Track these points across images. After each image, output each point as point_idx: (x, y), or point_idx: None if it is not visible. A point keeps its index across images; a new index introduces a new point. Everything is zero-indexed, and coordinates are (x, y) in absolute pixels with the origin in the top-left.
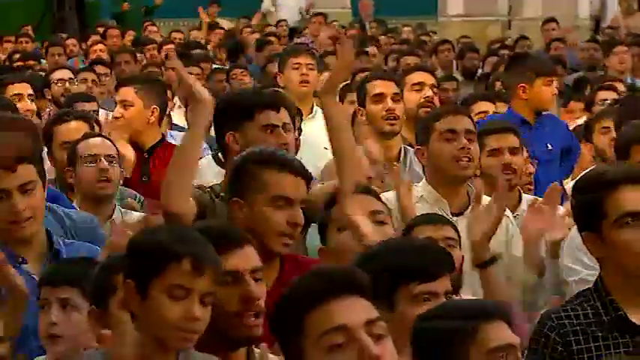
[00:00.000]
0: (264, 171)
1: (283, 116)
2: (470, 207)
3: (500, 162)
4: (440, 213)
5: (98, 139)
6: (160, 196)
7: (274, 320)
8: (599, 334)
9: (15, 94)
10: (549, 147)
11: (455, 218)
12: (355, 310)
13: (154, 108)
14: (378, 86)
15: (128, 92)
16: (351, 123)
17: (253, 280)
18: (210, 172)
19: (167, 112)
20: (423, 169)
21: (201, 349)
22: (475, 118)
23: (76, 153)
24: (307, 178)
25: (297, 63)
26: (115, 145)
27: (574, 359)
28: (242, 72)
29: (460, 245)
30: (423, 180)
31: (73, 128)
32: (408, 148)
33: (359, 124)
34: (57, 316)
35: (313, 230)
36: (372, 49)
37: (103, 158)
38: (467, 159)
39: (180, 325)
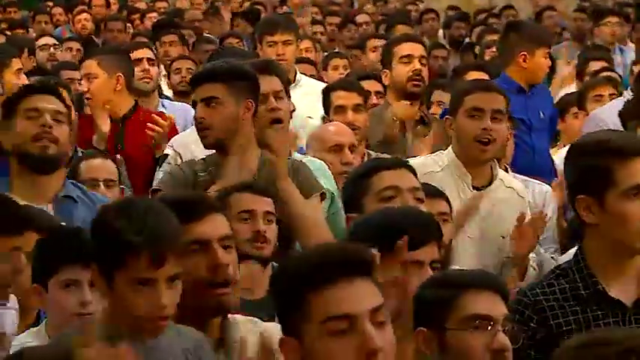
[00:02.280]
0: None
1: (273, 84)
2: (492, 183)
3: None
4: (462, 185)
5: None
6: (134, 164)
7: (276, 290)
8: (578, 309)
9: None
10: (542, 115)
11: (475, 192)
12: (363, 297)
13: (118, 76)
14: (340, 98)
15: (91, 65)
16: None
17: (222, 248)
18: (195, 143)
19: (157, 84)
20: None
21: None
22: None
23: None
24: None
25: (272, 41)
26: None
27: (552, 334)
28: (237, 42)
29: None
30: (450, 149)
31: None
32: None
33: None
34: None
35: None
36: (362, 17)
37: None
38: (487, 140)
39: (148, 316)
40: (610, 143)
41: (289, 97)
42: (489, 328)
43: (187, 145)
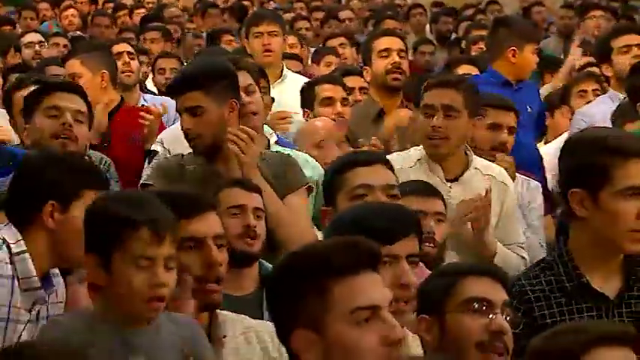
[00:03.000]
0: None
1: (243, 79)
2: (466, 172)
3: (497, 139)
4: (435, 179)
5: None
6: (121, 158)
7: (283, 280)
8: (562, 300)
9: None
10: (529, 109)
11: (449, 184)
12: (382, 288)
13: (102, 73)
14: (327, 90)
15: (74, 65)
16: None
17: (216, 246)
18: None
19: (138, 77)
20: None
21: None
22: None
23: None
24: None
25: (258, 32)
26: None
27: (536, 325)
28: (231, 38)
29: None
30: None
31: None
32: None
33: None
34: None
35: None
36: (346, 13)
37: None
38: (437, 137)
39: (147, 293)
40: (609, 141)
41: (262, 89)
42: (487, 310)
43: (178, 139)
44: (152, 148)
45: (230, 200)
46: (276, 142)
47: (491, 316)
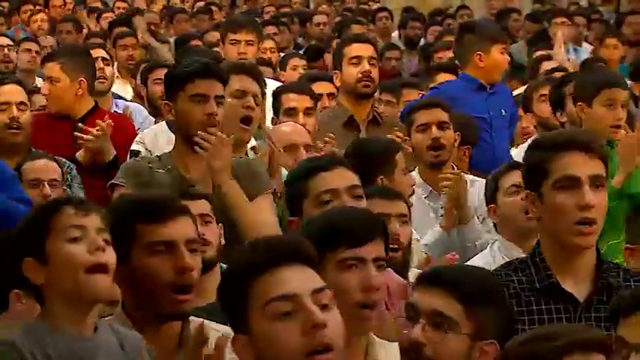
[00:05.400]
0: None
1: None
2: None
3: (429, 137)
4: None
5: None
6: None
7: (221, 290)
8: (532, 300)
9: None
10: (503, 112)
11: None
12: (302, 279)
13: (81, 80)
14: (291, 100)
15: (53, 68)
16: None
17: (188, 251)
18: (163, 138)
19: (111, 84)
20: None
21: (133, 323)
22: None
23: None
24: None
25: (235, 40)
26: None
27: None
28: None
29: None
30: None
31: (7, 91)
32: None
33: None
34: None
35: None
36: (320, 17)
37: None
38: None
39: (88, 260)
40: (545, 138)
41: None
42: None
43: (156, 140)
44: (134, 149)
45: None
46: (252, 148)
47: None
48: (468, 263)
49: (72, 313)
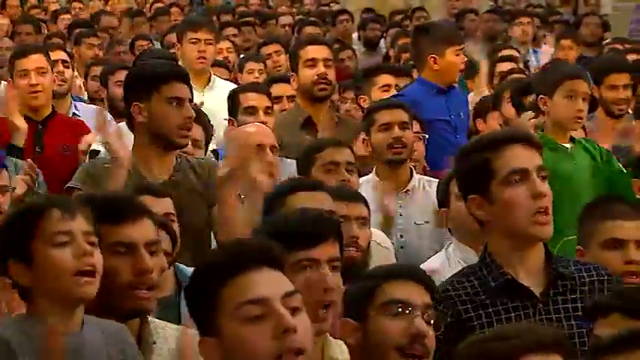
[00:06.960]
0: None
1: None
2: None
3: (390, 136)
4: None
5: None
6: (53, 167)
7: (189, 293)
8: (488, 302)
9: None
10: (461, 115)
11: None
12: (272, 283)
13: (55, 75)
14: (250, 99)
15: (40, 59)
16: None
17: (148, 254)
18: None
19: (70, 86)
20: None
21: None
22: (379, 92)
23: None
24: None
25: (195, 38)
26: None
27: (465, 327)
28: (148, 43)
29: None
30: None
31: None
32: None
33: None
34: None
35: None
36: (286, 19)
37: None
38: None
39: (75, 265)
40: (484, 138)
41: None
42: (407, 313)
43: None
44: (95, 148)
45: None
46: (212, 151)
47: (411, 318)
48: (425, 264)
49: (58, 311)
